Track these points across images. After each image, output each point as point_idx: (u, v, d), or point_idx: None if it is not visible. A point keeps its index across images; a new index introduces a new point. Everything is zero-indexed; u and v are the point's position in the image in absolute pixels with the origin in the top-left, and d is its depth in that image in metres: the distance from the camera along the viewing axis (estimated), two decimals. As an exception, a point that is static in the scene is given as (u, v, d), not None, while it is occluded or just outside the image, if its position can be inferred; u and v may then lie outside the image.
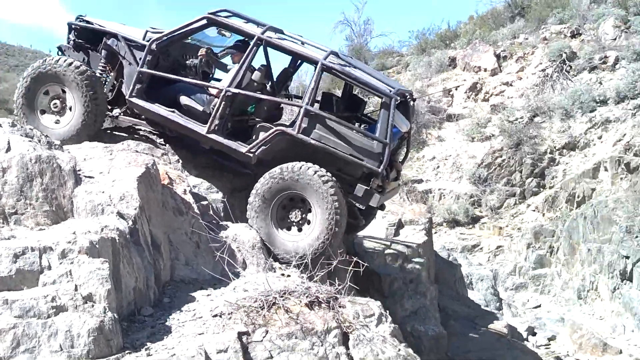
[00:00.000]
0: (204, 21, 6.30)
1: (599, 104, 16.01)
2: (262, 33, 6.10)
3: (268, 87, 6.93)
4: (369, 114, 7.68)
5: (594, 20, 19.24)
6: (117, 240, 4.14)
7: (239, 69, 6.08)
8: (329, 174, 5.65)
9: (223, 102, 6.00)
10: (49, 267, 3.79)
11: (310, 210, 5.72)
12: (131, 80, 6.18)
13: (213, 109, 6.08)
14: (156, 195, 5.03)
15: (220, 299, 4.45)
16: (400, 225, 7.81)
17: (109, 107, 6.54)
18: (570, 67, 17.71)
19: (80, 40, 6.67)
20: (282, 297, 4.29)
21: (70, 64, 6.06)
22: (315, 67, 6.01)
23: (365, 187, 5.83)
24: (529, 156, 15.75)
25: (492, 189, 15.79)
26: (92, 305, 3.68)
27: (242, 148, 6.00)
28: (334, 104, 6.87)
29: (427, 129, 18.01)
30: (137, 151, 5.72)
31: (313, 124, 5.88)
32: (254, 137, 6.09)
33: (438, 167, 16.98)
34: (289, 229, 5.83)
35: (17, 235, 4.20)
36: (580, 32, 19.14)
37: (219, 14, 6.31)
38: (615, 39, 17.98)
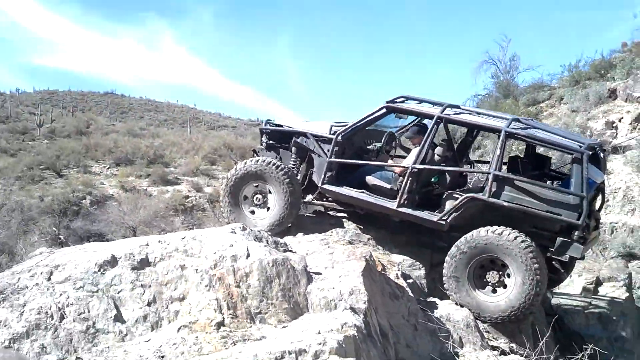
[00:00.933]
0: (384, 110, 6.81)
1: None
2: (442, 112, 6.49)
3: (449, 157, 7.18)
4: (557, 168, 7.55)
5: None
6: (357, 337, 4.27)
7: (422, 147, 6.47)
8: (528, 238, 5.79)
9: (410, 178, 6.41)
10: (305, 370, 3.98)
11: (509, 275, 5.89)
12: (322, 170, 6.82)
13: (400, 185, 6.52)
14: (377, 285, 5.20)
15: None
16: (598, 283, 7.40)
17: (303, 196, 7.12)
18: None
19: (271, 142, 7.42)
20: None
21: (271, 163, 6.73)
22: (499, 135, 6.24)
23: (565, 239, 5.90)
24: None
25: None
26: (350, 405, 3.80)
27: (434, 217, 6.35)
28: (519, 166, 6.87)
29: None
30: (350, 242, 6.02)
31: (502, 186, 6.09)
32: (443, 206, 6.41)
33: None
34: (484, 288, 6.06)
35: (266, 334, 4.48)
36: None
37: (396, 101, 6.80)
38: None
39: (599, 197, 7.05)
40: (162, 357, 4.43)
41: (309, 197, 7.27)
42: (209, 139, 47.78)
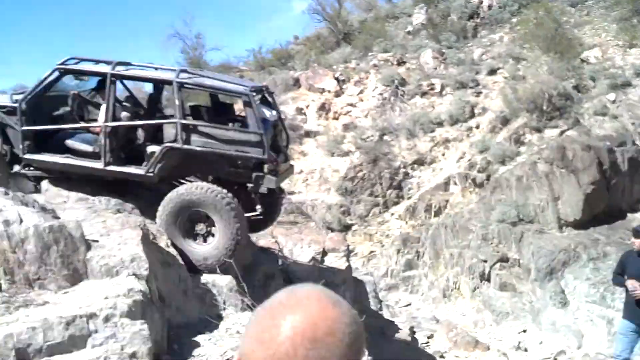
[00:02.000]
0: (57, 73, 6.71)
1: (436, 125, 18.25)
2: (113, 69, 6.60)
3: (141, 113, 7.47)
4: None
5: (414, 51, 21.95)
6: (143, 301, 4.46)
7: (107, 104, 6.54)
8: (228, 194, 6.24)
9: (107, 136, 6.48)
10: (96, 331, 4.06)
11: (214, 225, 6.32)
12: (18, 140, 6.54)
13: (101, 146, 6.56)
14: (153, 253, 5.33)
15: (226, 342, 4.92)
16: (324, 253, 8.58)
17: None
18: (404, 92, 19.90)
19: None
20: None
21: None
22: (172, 86, 6.61)
23: (259, 174, 6.47)
24: (386, 170, 17.41)
25: (359, 199, 17.22)
26: (137, 362, 4.03)
27: (141, 170, 6.52)
28: (202, 113, 7.35)
29: (290, 145, 19.00)
30: (119, 211, 5.98)
31: (189, 134, 6.45)
32: (147, 160, 6.58)
33: (307, 179, 18.03)
34: (195, 239, 6.38)
35: (48, 299, 4.36)
36: (404, 60, 21.55)
37: (67, 62, 6.72)
38: (436, 68, 20.71)
39: (283, 134, 7.64)
40: None
41: (16, 168, 6.81)
42: None
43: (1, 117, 6.61)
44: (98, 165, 6.44)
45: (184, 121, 6.44)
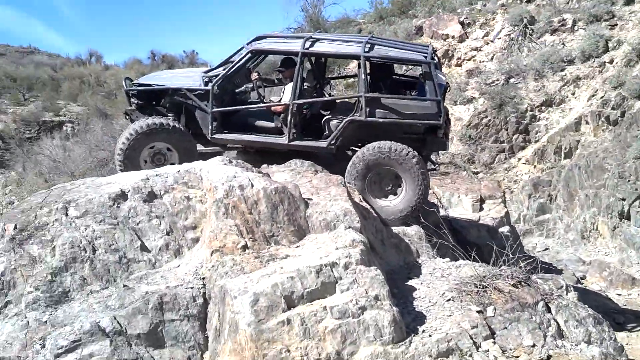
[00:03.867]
0: (250, 54, 7.20)
1: (566, 64, 17.73)
2: (303, 47, 7.03)
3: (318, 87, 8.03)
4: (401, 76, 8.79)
5: (546, -15, 20.92)
6: (365, 249, 5.17)
7: (295, 83, 7.02)
8: (415, 152, 6.75)
9: (293, 115, 7.04)
10: (340, 278, 4.78)
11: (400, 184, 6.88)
12: (207, 122, 7.17)
13: (282, 122, 7.18)
14: (356, 207, 6.04)
15: (438, 285, 5.57)
16: (482, 200, 9.06)
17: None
18: (533, 30, 19.30)
19: (141, 102, 7.45)
20: (493, 281, 5.45)
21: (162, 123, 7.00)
22: (359, 61, 7.02)
23: (434, 138, 7.06)
24: (512, 115, 17.31)
25: (483, 147, 17.33)
26: (382, 303, 4.72)
27: (323, 143, 7.10)
28: (380, 87, 7.68)
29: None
30: (316, 171, 6.67)
31: (374, 106, 6.91)
32: (328, 132, 7.16)
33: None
34: (381, 196, 6.96)
35: (287, 253, 5.17)
36: (534, -4, 20.75)
37: (256, 42, 7.22)
38: (568, 2, 19.78)
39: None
40: (203, 278, 4.93)
41: (202, 148, 7.49)
42: (-14, 68, 42.90)
43: (193, 100, 7.19)
44: (282, 140, 7.09)
45: (368, 95, 6.88)
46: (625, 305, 9.73)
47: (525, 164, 16.99)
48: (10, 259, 4.69)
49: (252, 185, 5.46)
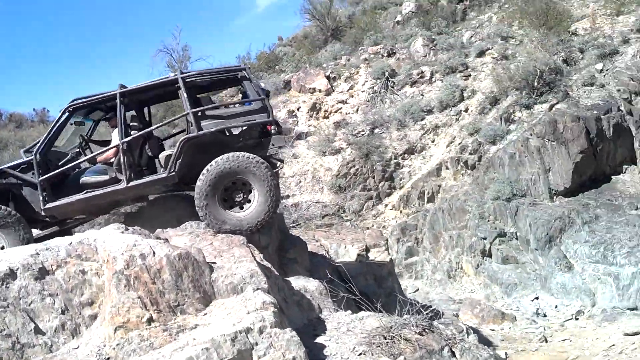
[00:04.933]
0: (67, 112, 7.13)
1: (426, 113, 19.03)
2: (120, 89, 7.13)
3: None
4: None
5: (404, 40, 22.55)
6: (277, 311, 5.14)
7: (120, 125, 7.00)
8: (263, 159, 6.86)
9: (125, 155, 6.94)
10: (256, 343, 4.72)
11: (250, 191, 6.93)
12: (36, 196, 6.86)
13: (116, 170, 7.09)
14: (260, 266, 5.99)
15: (346, 340, 5.64)
16: (367, 249, 9.35)
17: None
18: (394, 83, 20.59)
19: None
20: (399, 331, 5.62)
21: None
22: (178, 84, 7.16)
23: (271, 136, 7.20)
24: (378, 163, 18.15)
25: (352, 195, 17.94)
26: (299, 366, 4.72)
27: (163, 174, 7.00)
28: (199, 101, 7.71)
29: (281, 149, 19.53)
30: (217, 232, 6.54)
31: (203, 120, 7.00)
32: (165, 162, 7.11)
33: (300, 182, 18.64)
34: (232, 207, 6.94)
35: (195, 322, 5.00)
36: (394, 51, 22.20)
37: (73, 106, 7.13)
38: (426, 56, 21.37)
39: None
40: (108, 358, 4.63)
41: (36, 233, 7.16)
42: None
43: (17, 177, 6.88)
44: (122, 185, 6.88)
45: (193, 110, 6.93)
46: (502, 340, 10.41)
47: (392, 209, 17.79)
48: None
49: (154, 253, 5.26)
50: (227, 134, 7.15)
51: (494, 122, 17.12)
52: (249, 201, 6.92)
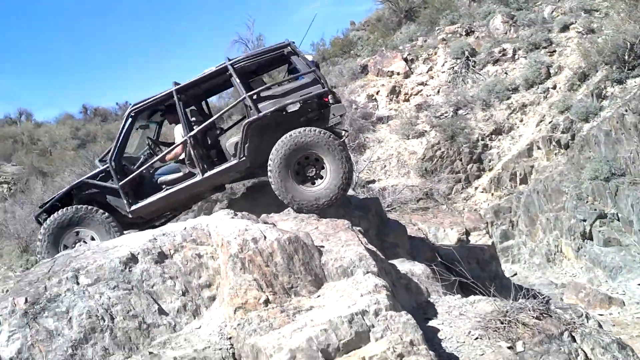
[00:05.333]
0: (131, 118, 7.31)
1: (511, 92, 18.40)
2: (175, 87, 7.21)
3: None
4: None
5: (482, 18, 21.77)
6: (390, 294, 5.05)
7: (182, 120, 7.17)
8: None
9: (194, 148, 7.06)
10: (373, 325, 4.63)
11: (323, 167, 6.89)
12: (120, 199, 7.15)
13: (188, 165, 7.21)
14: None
15: (460, 324, 5.49)
16: (467, 233, 9.13)
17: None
18: (475, 62, 20.00)
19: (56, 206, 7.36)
20: (516, 315, 5.41)
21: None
22: (229, 72, 7.19)
23: (333, 105, 7.12)
24: (464, 145, 17.74)
25: (440, 179, 17.61)
26: (418, 348, 4.59)
27: (234, 160, 7.08)
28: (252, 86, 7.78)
29: (363, 133, 19.44)
30: (318, 218, 6.54)
31: (260, 102, 7.01)
32: (231, 151, 7.21)
33: (385, 166, 18.48)
34: (305, 182, 6.92)
35: (310, 304, 4.97)
36: (473, 29, 21.51)
37: (133, 111, 7.31)
38: (506, 33, 20.60)
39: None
40: (230, 338, 4.68)
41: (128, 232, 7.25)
42: None
43: (98, 186, 7.22)
44: (198, 178, 7.04)
45: (249, 93, 6.97)
46: (613, 325, 9.92)
47: (482, 192, 17.35)
48: (26, 334, 4.33)
49: (265, 237, 5.27)
50: (286, 112, 7.05)
51: (584, 98, 16.35)
52: (321, 177, 6.88)
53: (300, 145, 6.72)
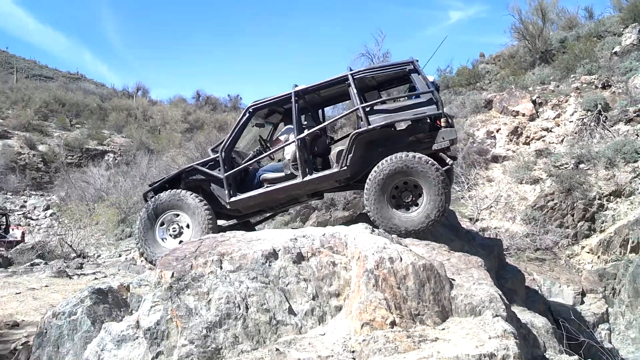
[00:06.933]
0: (248, 113, 7.55)
1: (639, 155, 17.51)
2: (294, 89, 7.42)
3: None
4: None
5: (622, 74, 20.82)
6: (519, 342, 4.93)
7: (294, 120, 7.27)
8: (434, 161, 6.71)
9: (301, 151, 7.19)
10: (499, 373, 4.56)
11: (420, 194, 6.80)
12: (222, 191, 7.40)
13: (292, 167, 7.31)
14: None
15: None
16: (583, 293, 8.81)
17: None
18: (606, 117, 19.16)
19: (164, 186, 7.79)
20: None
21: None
22: (348, 81, 7.27)
23: (441, 129, 6.98)
24: (580, 201, 17.01)
25: (547, 230, 16.98)
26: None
27: (335, 168, 7.15)
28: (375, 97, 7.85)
29: (475, 169, 19.09)
30: (449, 250, 6.51)
31: (373, 114, 7.06)
32: (335, 158, 7.29)
33: (491, 207, 18.05)
34: (399, 207, 6.88)
35: (435, 335, 4.94)
36: (610, 83, 20.61)
37: (252, 107, 7.56)
38: (645, 93, 19.61)
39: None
40: (353, 351, 4.74)
41: (223, 223, 7.80)
42: (39, 92, 44.50)
43: (205, 173, 7.51)
44: (298, 180, 7.19)
45: (363, 105, 7.05)
46: None
47: (589, 252, 16.56)
48: (167, 308, 4.58)
49: (401, 259, 5.31)
50: (395, 129, 7.10)
51: None
52: (417, 204, 6.83)
53: (400, 170, 6.73)
